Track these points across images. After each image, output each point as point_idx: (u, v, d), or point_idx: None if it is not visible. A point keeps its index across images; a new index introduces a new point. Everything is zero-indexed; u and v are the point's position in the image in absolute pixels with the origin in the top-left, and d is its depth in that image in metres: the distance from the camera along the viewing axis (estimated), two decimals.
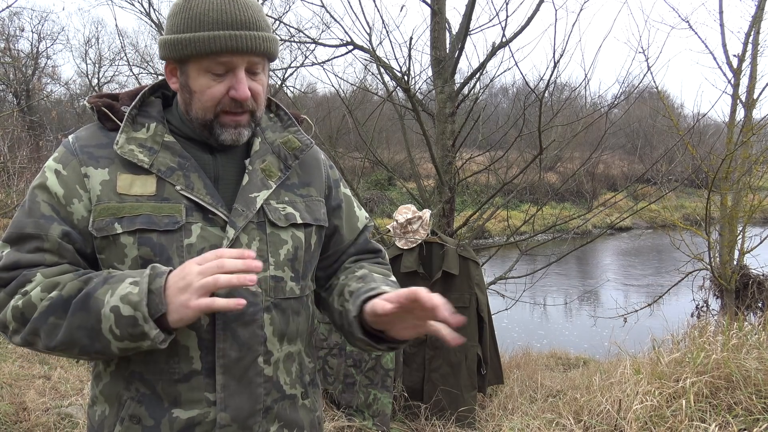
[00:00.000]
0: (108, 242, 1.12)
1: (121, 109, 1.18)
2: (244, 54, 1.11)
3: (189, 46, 1.10)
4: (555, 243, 7.21)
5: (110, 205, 1.11)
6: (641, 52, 6.73)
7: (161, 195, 1.13)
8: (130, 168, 1.14)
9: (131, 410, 1.13)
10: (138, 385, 1.14)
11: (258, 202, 1.17)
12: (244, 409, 1.15)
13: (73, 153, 1.15)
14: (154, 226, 1.10)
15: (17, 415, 3.45)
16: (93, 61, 26.23)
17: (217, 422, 1.13)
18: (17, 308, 1.06)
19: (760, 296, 7.05)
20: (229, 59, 1.10)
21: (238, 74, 1.12)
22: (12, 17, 20.37)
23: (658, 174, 9.79)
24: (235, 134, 1.15)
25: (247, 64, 1.12)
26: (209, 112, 1.14)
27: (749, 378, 3.03)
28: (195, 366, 1.12)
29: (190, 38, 1.09)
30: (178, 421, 1.12)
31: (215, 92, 1.12)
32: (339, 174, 1.41)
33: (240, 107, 1.14)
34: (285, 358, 1.21)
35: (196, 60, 1.11)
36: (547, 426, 3.26)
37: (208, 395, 1.13)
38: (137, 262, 1.11)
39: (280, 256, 1.19)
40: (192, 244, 1.12)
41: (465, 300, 3.94)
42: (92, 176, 1.13)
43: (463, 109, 5.73)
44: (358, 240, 1.39)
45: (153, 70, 13.28)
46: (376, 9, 6.60)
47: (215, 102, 1.13)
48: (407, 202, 5.53)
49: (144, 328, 1.01)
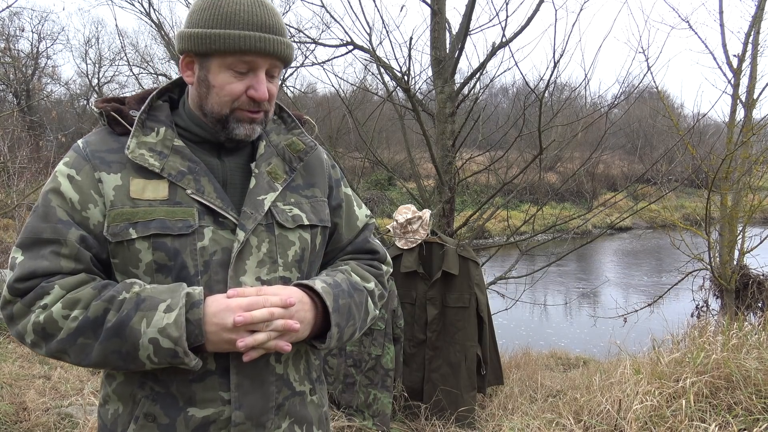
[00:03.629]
0: (122, 247, 1.12)
1: (129, 113, 1.20)
2: (269, 56, 1.15)
3: (218, 41, 1.12)
4: (555, 243, 7.21)
5: (124, 210, 1.12)
6: (641, 52, 6.75)
7: (173, 199, 1.14)
8: (141, 172, 1.15)
9: (146, 408, 1.15)
10: (152, 384, 1.15)
11: (266, 204, 1.19)
12: (258, 407, 1.17)
13: (86, 158, 1.16)
14: (168, 230, 1.11)
15: (17, 415, 3.45)
16: (93, 61, 26.27)
17: (232, 420, 1.15)
18: (38, 323, 1.06)
19: (760, 296, 7.05)
20: (254, 59, 1.14)
21: (259, 74, 1.16)
22: (12, 17, 20.39)
23: (658, 174, 9.80)
24: (249, 129, 1.19)
25: (269, 66, 1.17)
26: (225, 107, 1.17)
27: (749, 378, 3.03)
28: (209, 366, 1.14)
29: (219, 34, 1.12)
30: (194, 419, 1.14)
31: (235, 89, 1.16)
32: (341, 173, 1.42)
33: (257, 107, 1.18)
34: (294, 355, 1.24)
35: (220, 56, 1.14)
36: (547, 426, 3.26)
37: (223, 394, 1.15)
38: (151, 266, 1.12)
39: (289, 257, 1.21)
40: (205, 247, 1.14)
41: (465, 300, 3.94)
42: (105, 181, 1.14)
43: (463, 109, 5.73)
44: (357, 239, 1.40)
45: (153, 70, 13.29)
46: (376, 9, 6.61)
47: (233, 98, 1.16)
48: (407, 202, 5.52)
49: (183, 359, 1.06)
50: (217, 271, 1.14)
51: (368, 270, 1.37)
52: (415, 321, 3.98)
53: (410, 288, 3.98)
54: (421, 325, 3.98)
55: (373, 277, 1.37)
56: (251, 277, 1.15)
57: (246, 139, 1.19)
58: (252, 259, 1.16)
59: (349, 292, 1.25)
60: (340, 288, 1.23)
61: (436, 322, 3.95)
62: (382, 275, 1.41)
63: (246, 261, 1.15)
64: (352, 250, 1.40)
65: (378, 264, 1.42)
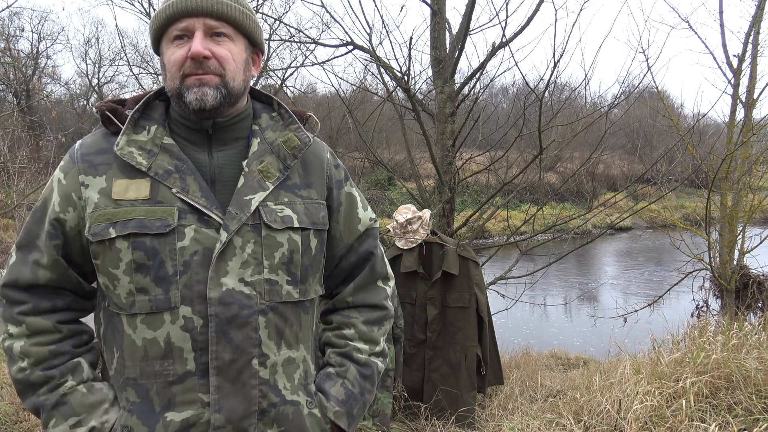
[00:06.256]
0: (104, 247, 1.14)
1: (125, 113, 1.21)
2: (198, 15, 1.14)
3: (154, 21, 1.18)
4: (555, 243, 7.20)
5: (106, 211, 1.14)
6: (641, 52, 6.75)
7: (155, 198, 1.14)
8: (126, 172, 1.16)
9: (123, 421, 1.15)
10: (129, 394, 1.15)
11: (253, 204, 1.17)
12: (238, 411, 1.15)
13: (74, 161, 1.19)
14: (146, 229, 1.11)
15: (17, 415, 3.46)
16: (93, 61, 26.28)
17: (212, 423, 1.13)
18: (3, 345, 1.19)
19: (760, 296, 7.04)
20: (186, 24, 1.15)
21: (195, 36, 1.14)
22: (12, 17, 20.40)
23: (658, 174, 9.79)
24: (199, 93, 1.14)
25: (205, 27, 1.15)
26: (176, 79, 1.16)
27: (749, 378, 3.03)
28: (189, 367, 1.13)
29: (153, 18, 1.18)
30: (173, 424, 1.13)
31: (177, 56, 1.15)
32: (345, 173, 1.37)
33: (200, 67, 1.14)
34: (285, 362, 1.20)
35: (164, 35, 1.18)
36: (547, 426, 3.25)
37: (202, 396, 1.13)
38: (131, 266, 1.12)
39: (275, 258, 1.18)
40: (185, 247, 1.13)
41: (465, 300, 3.93)
42: (90, 185, 1.16)
43: (463, 109, 5.72)
44: (359, 247, 1.36)
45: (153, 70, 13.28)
46: (376, 9, 6.62)
47: (179, 66, 1.15)
48: (407, 202, 5.52)
49: None
50: (198, 271, 1.12)
51: (376, 322, 1.35)
52: (415, 321, 3.98)
53: (410, 288, 3.98)
54: (421, 325, 3.98)
55: (382, 335, 1.35)
56: (233, 278, 1.14)
57: (200, 105, 1.14)
58: (235, 260, 1.14)
59: (360, 392, 1.29)
60: (352, 397, 1.27)
61: (436, 322, 3.95)
62: (391, 318, 1.39)
63: (228, 262, 1.14)
64: (354, 262, 1.36)
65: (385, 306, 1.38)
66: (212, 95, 1.14)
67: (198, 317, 1.12)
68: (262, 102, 1.33)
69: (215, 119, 1.20)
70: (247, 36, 1.21)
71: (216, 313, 1.12)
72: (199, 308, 1.12)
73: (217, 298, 1.12)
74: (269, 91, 9.97)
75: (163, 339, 1.12)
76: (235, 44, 1.18)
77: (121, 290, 1.14)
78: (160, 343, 1.13)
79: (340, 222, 1.34)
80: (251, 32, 1.21)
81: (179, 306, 1.12)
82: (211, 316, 1.12)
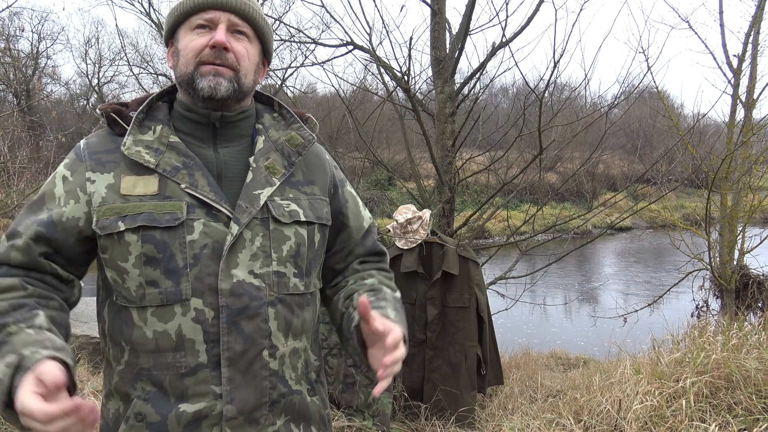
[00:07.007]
0: (112, 240, 1.15)
1: (129, 114, 1.23)
2: (225, 10, 1.19)
3: (177, 10, 1.21)
4: (555, 243, 7.20)
5: (115, 205, 1.15)
6: (641, 52, 6.73)
7: (163, 194, 1.16)
8: (134, 169, 1.18)
9: (137, 408, 1.15)
10: (144, 384, 1.16)
11: (262, 198, 1.20)
12: (250, 402, 1.17)
13: (82, 159, 1.20)
14: (155, 222, 1.13)
15: None
16: (93, 61, 26.31)
17: (224, 415, 1.14)
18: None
19: (760, 296, 7.04)
20: (212, 15, 1.19)
21: (219, 27, 1.19)
22: (12, 17, 20.42)
23: (658, 174, 9.79)
24: (214, 82, 1.18)
25: (229, 23, 1.20)
26: (191, 65, 1.19)
27: (749, 378, 3.04)
28: (201, 359, 1.14)
29: (177, 5, 1.21)
30: (185, 415, 1.14)
31: (197, 44, 1.19)
32: (343, 174, 1.44)
33: (218, 57, 1.18)
34: (291, 353, 1.23)
35: (185, 23, 1.21)
36: (547, 426, 3.26)
37: (215, 388, 1.15)
38: (141, 259, 1.14)
39: (283, 252, 1.21)
40: (194, 241, 1.15)
41: (465, 300, 3.94)
42: (98, 180, 1.17)
43: (463, 109, 5.73)
44: (366, 241, 1.43)
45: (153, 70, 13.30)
46: (376, 9, 6.62)
47: (196, 52, 1.19)
48: (407, 202, 5.52)
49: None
50: (208, 264, 1.14)
51: (390, 277, 1.43)
52: (415, 321, 3.98)
53: (410, 288, 3.98)
54: (421, 325, 3.98)
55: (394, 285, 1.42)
56: (244, 270, 1.16)
57: (211, 93, 1.17)
58: (245, 253, 1.17)
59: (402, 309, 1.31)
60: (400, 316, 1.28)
61: (436, 322, 3.95)
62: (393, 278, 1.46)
63: (238, 254, 1.16)
64: (364, 252, 1.42)
65: (388, 267, 1.46)
66: (225, 86, 1.19)
67: (209, 309, 1.14)
68: (263, 103, 1.37)
69: (223, 113, 1.24)
70: (263, 42, 1.28)
71: (227, 304, 1.14)
72: (210, 300, 1.14)
73: (228, 289, 1.14)
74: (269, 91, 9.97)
75: (175, 331, 1.14)
76: (252, 45, 1.24)
77: (130, 283, 1.15)
78: (171, 336, 1.14)
79: (350, 218, 1.39)
80: (267, 39, 1.28)
81: (190, 298, 1.13)
82: (222, 307, 1.14)
